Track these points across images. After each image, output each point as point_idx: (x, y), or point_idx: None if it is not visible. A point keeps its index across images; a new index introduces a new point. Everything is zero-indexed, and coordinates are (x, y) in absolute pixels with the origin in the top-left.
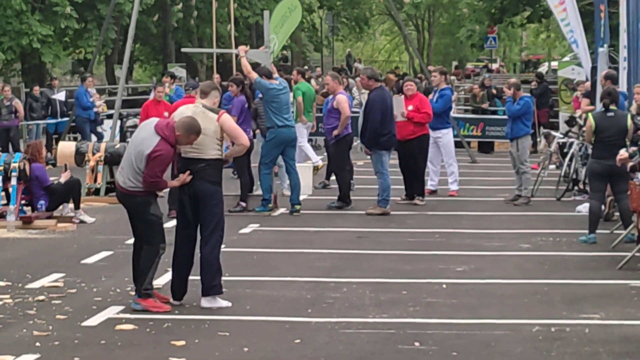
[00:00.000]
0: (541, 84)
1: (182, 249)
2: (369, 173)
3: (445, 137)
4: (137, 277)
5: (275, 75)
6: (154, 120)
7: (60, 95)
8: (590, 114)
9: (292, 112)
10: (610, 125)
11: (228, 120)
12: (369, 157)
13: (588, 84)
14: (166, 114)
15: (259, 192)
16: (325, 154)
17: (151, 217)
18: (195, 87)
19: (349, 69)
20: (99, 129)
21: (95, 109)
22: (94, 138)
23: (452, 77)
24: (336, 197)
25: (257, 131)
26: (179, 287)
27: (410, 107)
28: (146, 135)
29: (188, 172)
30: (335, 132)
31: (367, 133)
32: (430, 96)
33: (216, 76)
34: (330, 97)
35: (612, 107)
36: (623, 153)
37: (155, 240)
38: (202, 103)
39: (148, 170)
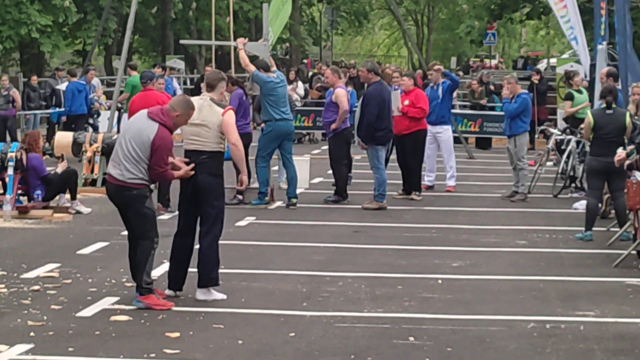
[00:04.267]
0: (542, 80)
1: (182, 241)
2: (365, 167)
3: (445, 132)
4: (135, 274)
5: (273, 68)
6: (142, 111)
7: (64, 86)
8: (588, 111)
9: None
10: (609, 123)
11: (230, 117)
12: (365, 151)
13: (580, 79)
14: None
15: (256, 185)
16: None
17: (146, 211)
18: (151, 79)
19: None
20: (91, 121)
21: (91, 105)
22: (91, 129)
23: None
24: (332, 191)
25: (263, 125)
26: (178, 278)
27: (406, 102)
28: (142, 125)
29: (192, 165)
30: (333, 126)
31: (363, 127)
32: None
33: (208, 68)
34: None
35: (612, 104)
36: (621, 153)
37: (150, 234)
38: (209, 96)
39: (155, 159)
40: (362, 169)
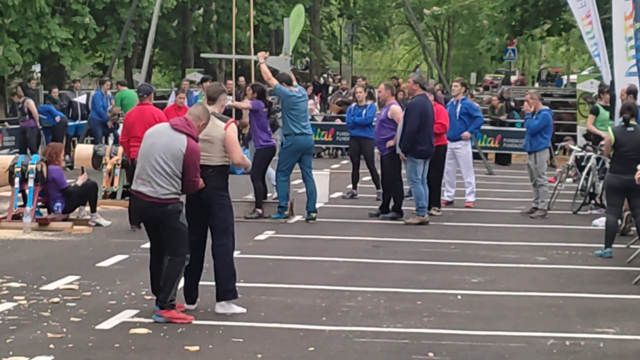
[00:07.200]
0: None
1: (192, 255)
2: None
3: (463, 148)
4: (161, 289)
5: (295, 82)
6: (163, 125)
7: (82, 98)
8: (609, 128)
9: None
10: (630, 140)
11: (233, 132)
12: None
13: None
14: None
15: (275, 196)
16: (350, 162)
17: (180, 226)
18: (148, 93)
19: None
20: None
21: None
22: (110, 141)
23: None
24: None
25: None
26: (191, 292)
27: None
28: (169, 138)
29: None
30: (390, 143)
31: (404, 137)
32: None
33: (230, 82)
34: (380, 106)
35: (632, 121)
36: None
37: (182, 250)
38: (210, 110)
39: (190, 172)
40: None
